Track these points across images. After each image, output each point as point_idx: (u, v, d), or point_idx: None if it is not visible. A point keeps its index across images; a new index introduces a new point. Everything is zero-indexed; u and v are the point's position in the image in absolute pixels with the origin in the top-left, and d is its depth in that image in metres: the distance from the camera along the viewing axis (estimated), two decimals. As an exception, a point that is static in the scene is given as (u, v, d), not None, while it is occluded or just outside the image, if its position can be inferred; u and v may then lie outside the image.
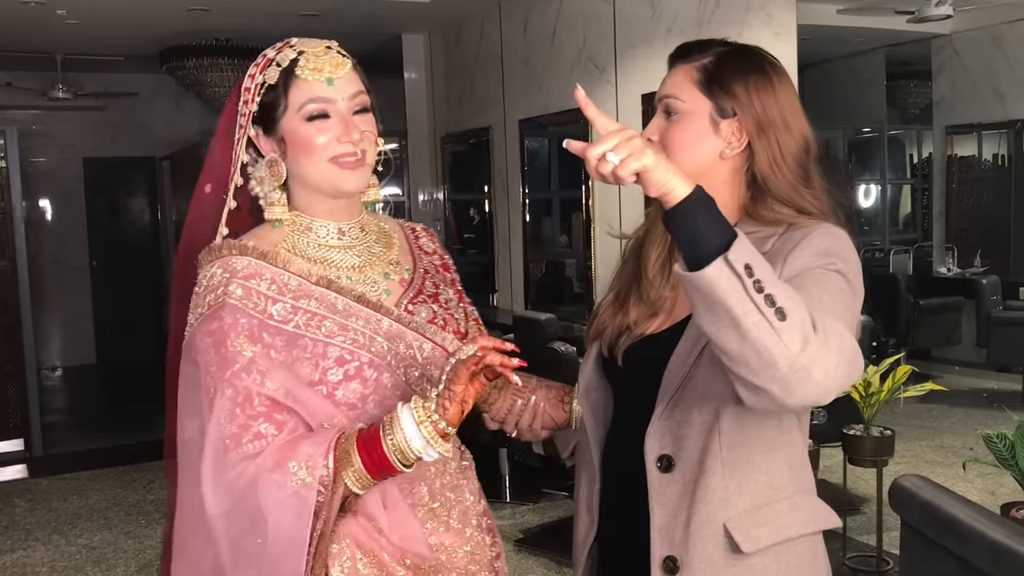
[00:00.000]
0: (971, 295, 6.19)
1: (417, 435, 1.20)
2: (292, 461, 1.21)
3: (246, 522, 1.22)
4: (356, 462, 1.21)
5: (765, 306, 1.05)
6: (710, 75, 1.35)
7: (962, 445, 4.86)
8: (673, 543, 1.30)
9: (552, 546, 4.03)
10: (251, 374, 1.24)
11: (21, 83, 8.19)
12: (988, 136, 6.40)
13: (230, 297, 1.27)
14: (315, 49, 1.34)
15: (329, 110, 1.32)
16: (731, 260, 1.05)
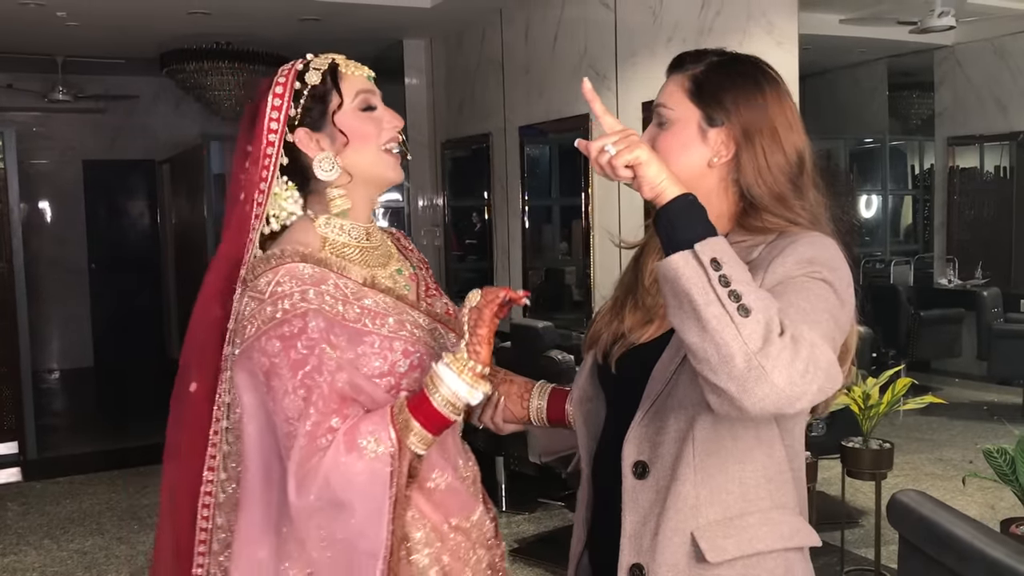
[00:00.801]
0: (972, 307, 6.16)
1: (460, 384, 1.32)
2: (360, 439, 1.30)
3: (329, 507, 1.30)
4: (415, 425, 1.31)
5: (728, 300, 1.06)
6: (699, 84, 1.36)
7: (962, 458, 4.83)
8: (640, 550, 1.29)
9: (547, 556, 4.00)
10: (322, 374, 1.31)
11: (21, 85, 8.18)
12: (990, 148, 6.38)
13: (310, 303, 1.33)
14: (338, 57, 1.48)
15: (374, 102, 1.46)
16: (698, 251, 1.09)
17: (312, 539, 1.32)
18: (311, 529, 1.31)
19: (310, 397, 1.29)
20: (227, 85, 6.94)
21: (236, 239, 1.44)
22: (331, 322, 1.34)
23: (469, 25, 6.48)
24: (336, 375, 1.32)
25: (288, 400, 1.30)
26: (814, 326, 1.13)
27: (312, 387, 1.30)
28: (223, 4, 5.77)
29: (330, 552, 1.32)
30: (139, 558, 4.21)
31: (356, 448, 1.29)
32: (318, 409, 1.30)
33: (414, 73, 7.14)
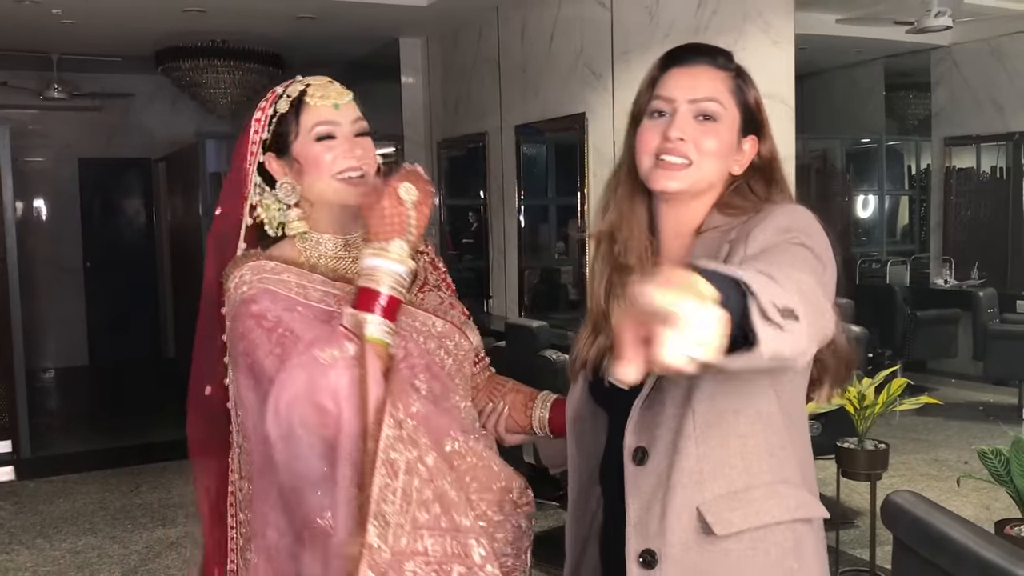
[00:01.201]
0: (968, 307, 6.16)
1: (398, 266, 1.34)
2: (317, 351, 1.31)
3: (302, 425, 1.29)
4: (371, 316, 1.32)
5: (789, 322, 0.96)
6: (741, 88, 1.35)
7: (957, 459, 4.83)
8: (648, 535, 1.28)
9: (542, 556, 3.97)
10: (293, 331, 1.37)
11: (17, 82, 8.15)
12: (987, 148, 6.38)
13: (265, 283, 1.41)
14: (320, 81, 1.52)
15: (335, 132, 1.48)
16: (768, 315, 0.95)
17: (285, 463, 1.33)
18: (287, 457, 1.32)
19: (285, 353, 1.34)
20: (223, 83, 6.93)
21: (228, 243, 1.53)
22: (291, 300, 1.41)
23: (465, 24, 6.47)
24: (308, 331, 1.36)
25: (268, 361, 1.35)
26: (803, 269, 1.13)
27: (287, 344, 1.35)
28: (219, 2, 5.76)
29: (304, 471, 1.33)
30: (132, 557, 4.19)
31: (316, 361, 1.30)
32: (287, 355, 1.34)
33: (410, 72, 7.13)
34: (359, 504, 1.27)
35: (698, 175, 1.32)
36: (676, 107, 1.33)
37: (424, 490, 1.31)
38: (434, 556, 1.30)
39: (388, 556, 1.26)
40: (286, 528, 1.39)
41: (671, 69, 1.36)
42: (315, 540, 1.34)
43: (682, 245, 1.37)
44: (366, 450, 1.27)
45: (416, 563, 1.29)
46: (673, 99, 1.33)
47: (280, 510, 1.39)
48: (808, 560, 1.31)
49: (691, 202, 1.36)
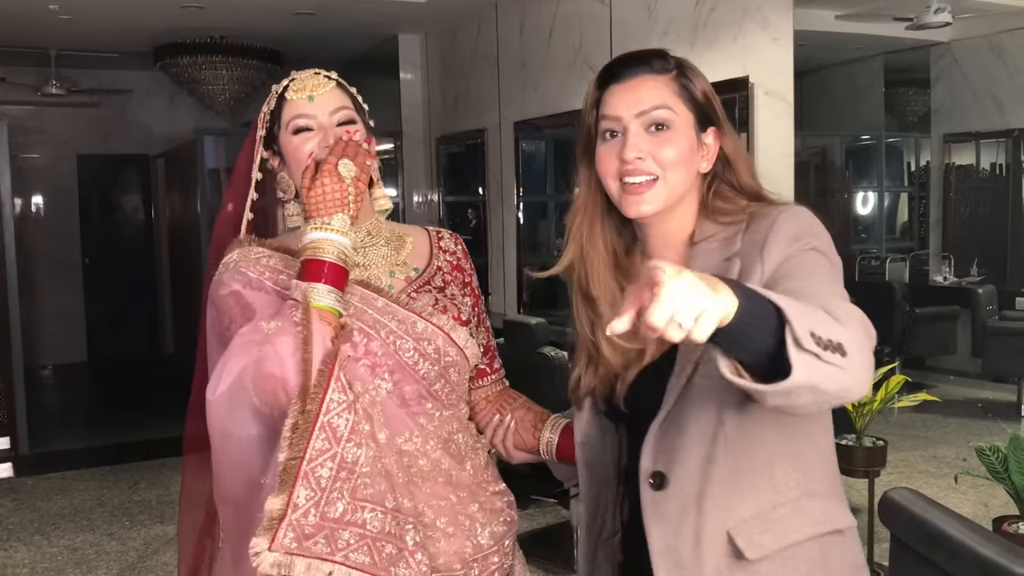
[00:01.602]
0: (967, 304, 6.15)
1: (342, 238, 1.37)
2: (262, 322, 1.34)
3: (257, 380, 1.31)
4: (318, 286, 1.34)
5: (835, 357, 0.99)
6: (686, 86, 1.32)
7: (956, 456, 4.83)
8: (681, 564, 1.24)
9: (541, 554, 3.98)
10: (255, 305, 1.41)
11: (15, 78, 8.14)
12: (986, 145, 6.38)
13: (240, 265, 1.45)
14: (304, 75, 1.53)
15: (311, 123, 1.48)
16: (799, 337, 0.96)
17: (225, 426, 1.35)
18: (227, 422, 1.35)
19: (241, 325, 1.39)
20: (221, 79, 6.91)
21: (230, 236, 1.55)
22: (261, 283, 1.44)
23: (464, 20, 6.46)
24: (268, 306, 1.40)
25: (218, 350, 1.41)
26: (836, 296, 1.15)
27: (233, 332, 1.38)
28: (217, -2, 5.75)
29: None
30: (129, 554, 4.19)
31: (260, 330, 1.33)
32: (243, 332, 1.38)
33: (409, 68, 7.12)
34: (287, 462, 1.25)
35: (666, 190, 1.29)
36: (625, 125, 1.30)
37: (373, 464, 1.31)
38: (371, 531, 1.29)
39: (315, 520, 1.25)
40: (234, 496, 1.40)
41: (610, 87, 1.32)
42: (252, 516, 1.32)
43: (675, 255, 1.33)
44: (303, 411, 1.27)
45: (351, 533, 1.27)
46: (620, 117, 1.30)
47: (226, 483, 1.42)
48: (833, 570, 1.29)
49: (671, 213, 1.33)
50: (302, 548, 1.24)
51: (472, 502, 1.49)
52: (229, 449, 1.37)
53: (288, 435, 1.26)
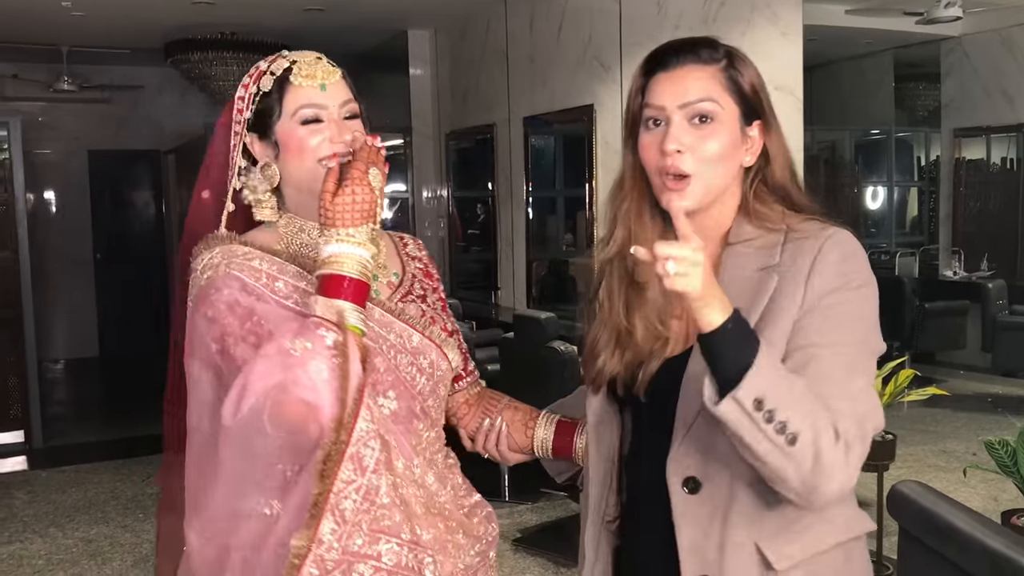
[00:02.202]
0: (977, 299, 6.15)
1: (361, 250, 1.27)
2: (286, 343, 1.23)
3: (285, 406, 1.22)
4: (329, 299, 1.25)
5: (776, 435, 1.11)
6: (733, 78, 1.29)
7: (965, 450, 4.83)
8: (706, 562, 1.27)
9: (550, 546, 4.01)
10: (269, 320, 1.30)
11: (27, 75, 8.19)
12: (997, 139, 6.37)
13: (232, 268, 1.33)
14: (307, 59, 1.41)
15: (322, 115, 1.39)
16: (739, 398, 1.10)
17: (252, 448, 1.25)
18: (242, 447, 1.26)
19: (259, 342, 1.27)
20: (232, 75, 6.93)
21: (207, 228, 1.45)
22: (260, 291, 1.33)
23: (473, 15, 6.47)
24: (280, 323, 1.30)
25: (239, 349, 1.28)
26: (857, 371, 1.20)
27: (260, 333, 1.28)
28: (227, -6, 5.77)
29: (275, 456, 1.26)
30: (143, 546, 4.23)
31: (288, 353, 1.22)
32: (237, 361, 1.27)
33: (418, 63, 7.14)
34: (317, 496, 1.20)
35: (702, 188, 1.27)
36: (668, 115, 1.27)
37: (391, 493, 1.26)
38: (387, 564, 1.25)
39: (337, 555, 1.21)
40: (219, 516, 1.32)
41: (657, 74, 1.29)
42: (250, 529, 1.27)
43: (710, 253, 1.29)
44: (336, 441, 1.21)
45: (368, 567, 1.23)
46: (663, 107, 1.28)
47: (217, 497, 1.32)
48: (858, 573, 1.33)
49: (710, 209, 1.31)
50: None
51: (458, 530, 1.43)
52: (236, 470, 1.27)
53: (320, 467, 1.20)
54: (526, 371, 4.33)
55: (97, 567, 4.03)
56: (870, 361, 1.24)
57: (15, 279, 6.02)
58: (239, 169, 1.43)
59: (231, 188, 1.44)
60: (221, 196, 1.45)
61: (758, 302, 1.24)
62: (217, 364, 1.30)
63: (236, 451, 1.26)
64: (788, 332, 1.21)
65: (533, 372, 4.23)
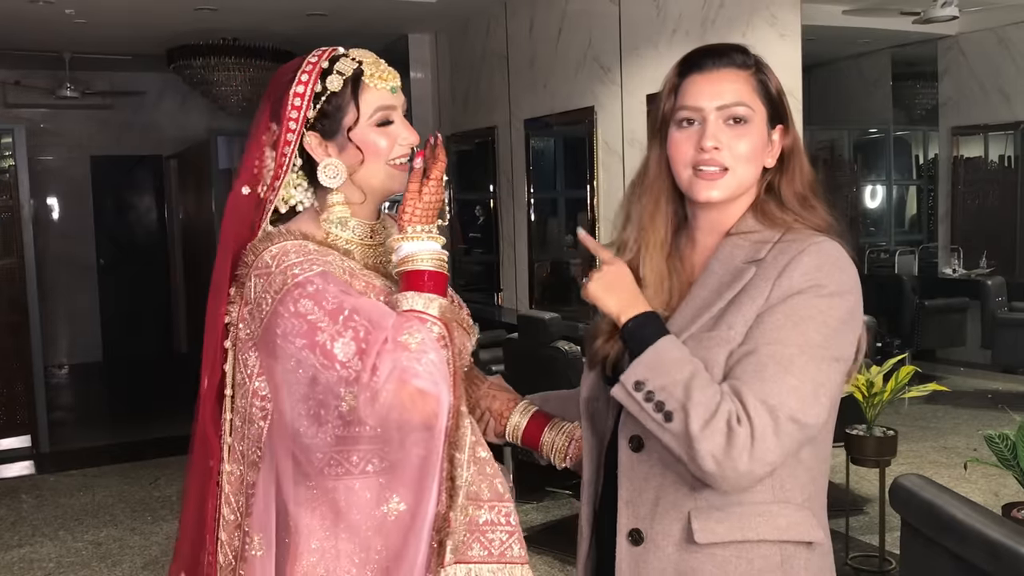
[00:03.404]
0: (976, 296, 6.18)
1: (433, 244, 1.37)
2: (403, 336, 1.30)
3: (401, 406, 1.29)
4: (430, 296, 1.34)
5: (654, 412, 1.24)
6: (763, 83, 1.37)
7: (966, 446, 4.86)
8: (639, 517, 1.34)
9: (556, 544, 4.04)
10: (360, 313, 1.32)
11: (29, 81, 8.23)
12: (994, 137, 6.40)
13: (319, 265, 1.35)
14: (369, 58, 1.44)
15: (393, 116, 1.44)
16: (622, 381, 1.27)
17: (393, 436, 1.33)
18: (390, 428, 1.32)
19: (358, 335, 1.29)
20: (233, 80, 6.97)
21: (244, 224, 1.45)
22: (345, 283, 1.37)
23: (474, 19, 6.51)
24: (379, 316, 1.32)
25: (339, 345, 1.29)
26: (793, 370, 1.23)
27: (357, 327, 1.30)
28: (229, 0, 5.80)
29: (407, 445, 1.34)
30: (152, 548, 4.26)
31: (406, 347, 1.29)
32: (370, 342, 1.29)
33: (419, 67, 7.17)
34: (450, 486, 1.33)
35: (736, 181, 1.36)
36: (705, 115, 1.34)
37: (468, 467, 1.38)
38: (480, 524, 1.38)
39: (461, 535, 1.34)
40: (327, 514, 1.37)
41: (691, 75, 1.36)
42: (371, 524, 1.35)
43: (715, 243, 1.41)
44: (458, 426, 1.33)
45: (478, 540, 1.37)
46: (700, 108, 1.34)
47: (318, 500, 1.37)
48: None
49: (730, 206, 1.39)
50: (465, 557, 1.35)
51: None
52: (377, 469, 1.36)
53: (451, 453, 1.33)
54: (531, 371, 4.36)
55: (107, 569, 4.06)
56: (823, 366, 1.25)
57: (20, 285, 6.05)
58: (295, 168, 1.45)
59: (280, 185, 1.44)
60: (262, 192, 1.45)
61: (730, 290, 1.32)
62: (309, 355, 1.30)
63: (375, 446, 1.33)
64: (749, 321, 1.28)
65: (538, 372, 4.26)
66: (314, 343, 1.30)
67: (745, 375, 1.24)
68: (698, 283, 1.37)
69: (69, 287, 8.92)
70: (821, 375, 1.25)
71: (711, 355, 1.28)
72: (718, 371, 1.27)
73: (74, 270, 9.00)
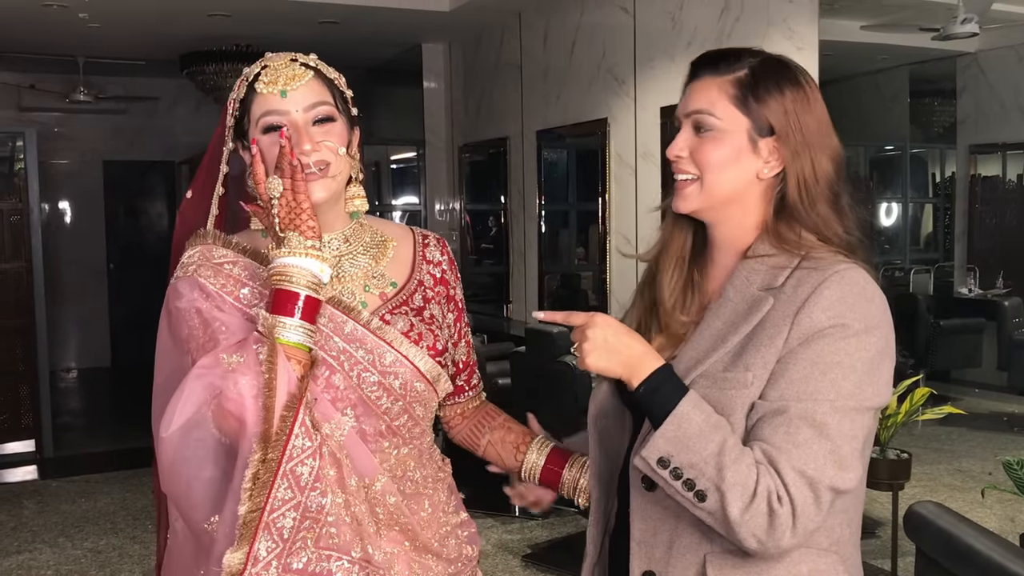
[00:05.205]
0: (993, 317, 6.10)
1: (310, 263, 1.25)
2: (223, 355, 1.25)
3: (214, 417, 1.24)
4: (287, 320, 1.23)
5: (684, 490, 1.17)
6: (747, 90, 1.28)
7: (980, 469, 4.78)
8: (653, 559, 1.28)
9: (560, 562, 3.98)
10: (218, 321, 1.31)
11: (43, 86, 8.26)
12: (1013, 156, 6.32)
13: (200, 276, 1.33)
14: (278, 62, 1.38)
15: (283, 121, 1.34)
16: (644, 456, 1.19)
17: (178, 463, 1.27)
18: (177, 458, 1.26)
19: (193, 358, 1.29)
20: (246, 87, 6.97)
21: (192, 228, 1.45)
22: (220, 298, 1.33)
23: (487, 29, 6.49)
24: (235, 333, 1.29)
25: (199, 355, 1.29)
26: (828, 431, 1.15)
27: (219, 341, 1.29)
28: (243, 6, 5.80)
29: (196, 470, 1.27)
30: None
31: (220, 364, 1.23)
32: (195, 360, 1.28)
33: (432, 77, 7.15)
34: (247, 514, 1.19)
35: (706, 191, 1.29)
36: (681, 123, 1.33)
37: (339, 511, 1.24)
38: None
39: (276, 573, 1.20)
40: (183, 529, 1.34)
41: (687, 83, 1.34)
42: (201, 545, 1.28)
43: (729, 262, 1.34)
44: (265, 460, 1.19)
45: None
46: (678, 115, 1.33)
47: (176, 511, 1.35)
48: None
49: (724, 216, 1.32)
50: None
51: (426, 552, 1.41)
52: (177, 486, 1.28)
53: (248, 486, 1.19)
54: (538, 385, 4.31)
55: (105, 578, 4.03)
56: (857, 418, 1.18)
57: (28, 288, 6.05)
58: (223, 175, 1.44)
59: (216, 193, 1.44)
60: (208, 199, 1.45)
61: (746, 323, 1.24)
62: (183, 367, 1.30)
63: (168, 463, 1.27)
64: (771, 364, 1.20)
65: (545, 386, 4.21)
66: (187, 351, 1.32)
67: (776, 438, 1.16)
68: (712, 311, 1.30)
69: (79, 291, 8.94)
70: (856, 427, 1.18)
71: (728, 400, 1.21)
72: (737, 418, 1.20)
73: (84, 274, 9.02)
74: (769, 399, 1.19)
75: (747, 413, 1.20)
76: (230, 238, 1.40)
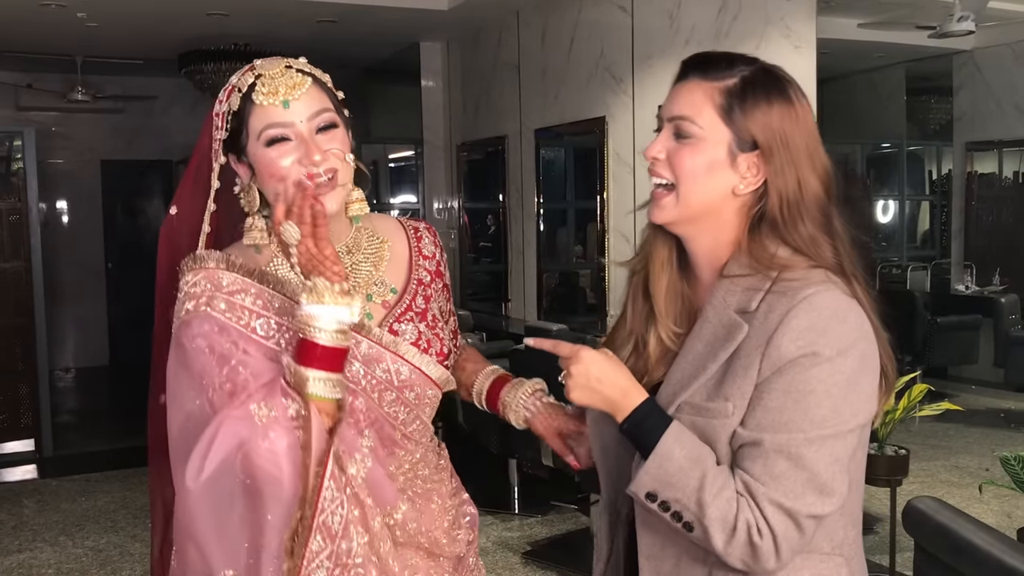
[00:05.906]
0: (989, 314, 6.12)
1: (338, 310, 1.21)
2: (252, 405, 1.22)
3: (224, 480, 1.21)
4: (313, 372, 1.21)
5: (672, 521, 1.19)
6: (733, 102, 1.23)
7: (978, 466, 4.80)
8: (661, 573, 1.28)
9: (560, 559, 3.99)
10: (235, 359, 1.26)
11: (41, 85, 8.25)
12: (1009, 153, 6.34)
13: (213, 310, 1.28)
14: (272, 71, 1.32)
15: (288, 133, 1.30)
16: (633, 491, 1.22)
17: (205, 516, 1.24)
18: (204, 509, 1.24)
19: (236, 391, 1.25)
20: (244, 86, 6.96)
21: (176, 258, 1.39)
22: (240, 331, 1.28)
23: (485, 28, 6.49)
24: (258, 375, 1.26)
25: (216, 396, 1.25)
26: (806, 461, 1.15)
27: (238, 382, 1.25)
28: (241, 5, 5.80)
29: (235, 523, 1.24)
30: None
31: (252, 419, 1.20)
32: (214, 406, 1.24)
33: (430, 75, 7.16)
34: (289, 571, 1.20)
35: (681, 202, 1.26)
36: (663, 125, 1.29)
37: (366, 551, 1.26)
38: None
39: None
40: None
41: (676, 83, 1.29)
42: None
43: (709, 277, 1.31)
44: (302, 517, 1.20)
45: None
46: (662, 117, 1.29)
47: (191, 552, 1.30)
48: None
49: (698, 229, 1.29)
50: None
51: (439, 556, 1.44)
52: (202, 534, 1.25)
53: (289, 544, 1.20)
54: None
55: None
56: (836, 443, 1.17)
57: (27, 288, 6.04)
58: (215, 191, 1.38)
59: (208, 210, 1.38)
60: (198, 215, 1.39)
61: (723, 349, 1.22)
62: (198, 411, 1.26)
63: (201, 514, 1.23)
64: (748, 393, 1.19)
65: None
66: (202, 392, 1.26)
67: (755, 470, 1.16)
68: (694, 332, 1.27)
69: (77, 291, 8.93)
70: (837, 451, 1.17)
71: (712, 429, 1.21)
72: (722, 446, 1.20)
73: (83, 274, 9.01)
74: (748, 428, 1.18)
75: (730, 440, 1.20)
76: (232, 259, 1.34)
